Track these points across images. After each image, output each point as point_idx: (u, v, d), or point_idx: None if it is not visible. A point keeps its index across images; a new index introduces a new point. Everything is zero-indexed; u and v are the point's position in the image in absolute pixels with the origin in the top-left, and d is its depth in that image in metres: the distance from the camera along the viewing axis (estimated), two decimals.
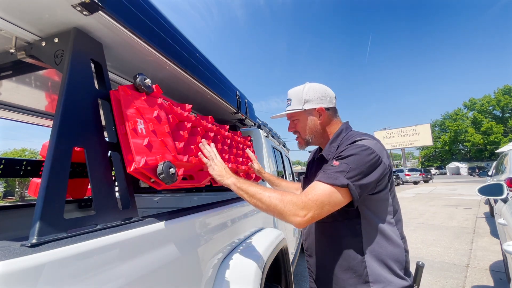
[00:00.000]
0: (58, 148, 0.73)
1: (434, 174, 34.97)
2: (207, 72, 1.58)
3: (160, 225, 0.95)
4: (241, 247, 1.47)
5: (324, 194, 0.85)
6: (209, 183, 1.35)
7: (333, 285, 1.01)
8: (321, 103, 1.11)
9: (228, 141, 1.71)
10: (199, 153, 1.17)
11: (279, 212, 0.86)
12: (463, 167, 41.66)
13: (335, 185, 0.85)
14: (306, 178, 1.24)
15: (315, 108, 1.11)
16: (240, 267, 1.30)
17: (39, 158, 2.29)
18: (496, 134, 41.56)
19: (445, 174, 43.76)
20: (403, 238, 1.01)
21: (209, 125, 1.46)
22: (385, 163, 0.93)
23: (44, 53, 0.95)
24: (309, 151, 1.47)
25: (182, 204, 2.48)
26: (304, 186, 1.22)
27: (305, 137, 1.15)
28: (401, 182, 23.59)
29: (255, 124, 2.59)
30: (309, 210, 0.83)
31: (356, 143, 0.95)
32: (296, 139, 1.21)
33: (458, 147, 48.82)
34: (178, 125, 1.20)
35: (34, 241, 0.61)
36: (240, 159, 1.81)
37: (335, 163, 0.90)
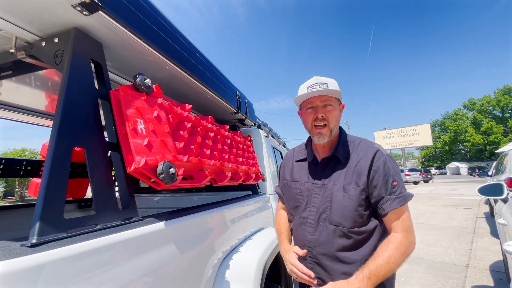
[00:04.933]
0: (58, 148, 0.73)
1: (434, 174, 34.95)
2: (207, 72, 1.58)
3: (160, 225, 0.95)
4: (241, 247, 1.47)
5: (409, 214, 1.00)
6: (209, 183, 1.35)
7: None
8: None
9: (228, 141, 1.71)
10: None
11: (408, 255, 0.96)
12: (463, 167, 41.66)
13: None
14: (308, 182, 1.15)
15: (342, 104, 1.15)
16: (240, 267, 1.30)
17: (39, 158, 2.29)
18: (496, 134, 41.53)
19: (445, 174, 43.79)
20: None
21: (209, 125, 1.46)
22: None
23: (44, 53, 0.95)
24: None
25: (182, 204, 2.48)
26: (290, 192, 1.20)
27: (333, 127, 1.08)
28: None
29: (255, 124, 2.59)
30: (412, 232, 0.98)
31: (384, 154, 1.05)
32: (318, 129, 1.08)
33: (458, 147, 48.83)
34: (178, 125, 1.20)
35: (34, 241, 0.61)
36: (240, 159, 1.81)
37: (394, 183, 1.00)
